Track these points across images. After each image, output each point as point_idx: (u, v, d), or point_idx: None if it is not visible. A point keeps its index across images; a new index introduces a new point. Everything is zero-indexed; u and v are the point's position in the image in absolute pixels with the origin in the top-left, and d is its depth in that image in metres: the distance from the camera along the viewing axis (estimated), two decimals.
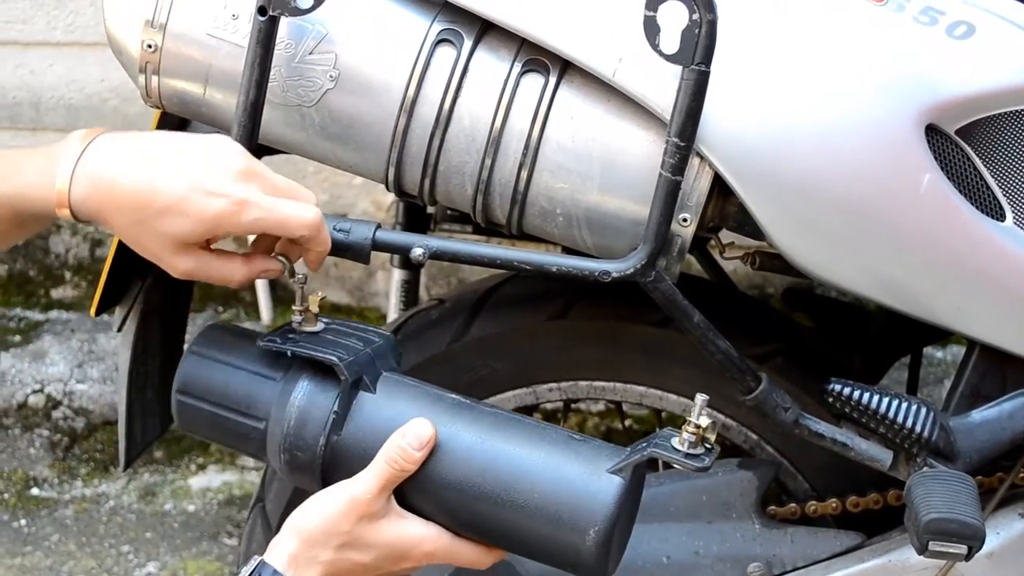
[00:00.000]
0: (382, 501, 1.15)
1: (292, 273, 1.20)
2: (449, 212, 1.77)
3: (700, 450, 1.15)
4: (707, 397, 1.16)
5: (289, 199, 1.14)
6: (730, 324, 1.36)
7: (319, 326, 1.22)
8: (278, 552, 1.15)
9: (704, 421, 1.15)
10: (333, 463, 1.19)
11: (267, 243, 1.20)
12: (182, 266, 1.15)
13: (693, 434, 1.15)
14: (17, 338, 2.78)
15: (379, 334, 1.25)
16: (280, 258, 1.19)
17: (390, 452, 1.15)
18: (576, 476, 1.15)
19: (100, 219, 1.14)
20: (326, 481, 1.18)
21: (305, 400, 1.19)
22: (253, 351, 1.23)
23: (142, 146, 1.14)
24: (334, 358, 1.17)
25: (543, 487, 1.15)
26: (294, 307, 1.22)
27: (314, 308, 1.23)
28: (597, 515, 1.14)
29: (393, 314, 2.01)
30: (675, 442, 1.16)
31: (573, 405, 2.47)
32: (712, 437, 1.16)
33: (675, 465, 1.16)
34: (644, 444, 1.17)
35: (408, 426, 1.16)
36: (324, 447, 1.18)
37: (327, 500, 1.16)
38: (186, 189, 1.10)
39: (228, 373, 1.22)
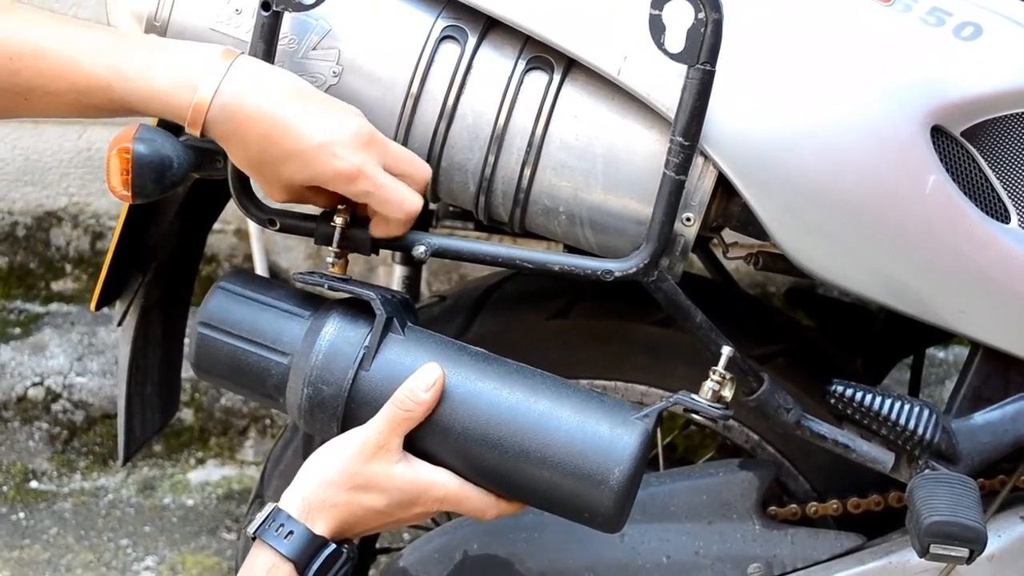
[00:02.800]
0: (394, 445, 1.18)
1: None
2: (451, 209, 1.77)
3: (720, 407, 1.21)
4: (733, 348, 1.21)
5: (401, 176, 1.19)
6: (732, 324, 1.36)
7: (347, 276, 1.25)
8: (292, 497, 1.18)
9: (728, 373, 1.20)
10: (356, 399, 1.21)
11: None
12: (280, 198, 1.20)
13: (718, 382, 1.21)
14: (17, 330, 2.77)
15: (400, 293, 1.29)
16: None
17: (398, 395, 1.18)
18: (601, 420, 1.18)
19: (225, 141, 1.17)
20: (346, 418, 1.21)
21: (336, 335, 1.22)
22: (280, 290, 1.27)
23: (289, 83, 1.17)
24: (372, 294, 1.21)
25: (568, 431, 1.18)
26: (330, 248, 1.24)
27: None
28: (622, 456, 1.17)
29: None
30: (696, 396, 1.22)
31: None
32: (729, 395, 1.21)
33: (700, 414, 1.21)
34: (666, 399, 1.22)
35: (418, 372, 1.19)
36: (351, 382, 1.21)
37: (340, 444, 1.19)
38: (320, 142, 1.15)
39: (255, 308, 1.25)
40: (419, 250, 1.24)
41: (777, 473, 1.55)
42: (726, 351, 1.20)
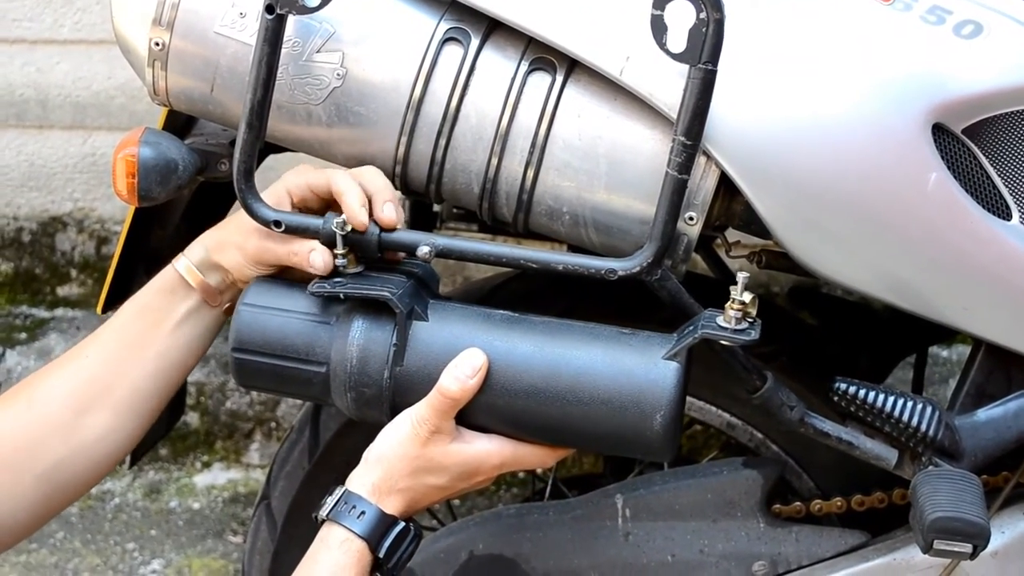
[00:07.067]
0: (446, 427, 1.22)
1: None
2: (456, 210, 1.77)
3: (745, 325, 1.21)
4: (748, 274, 1.20)
5: None
6: None
7: (360, 267, 1.26)
8: (360, 482, 1.24)
9: (747, 297, 1.20)
10: (400, 392, 1.24)
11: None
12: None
13: (739, 310, 1.20)
14: (23, 335, 2.78)
15: (417, 264, 1.30)
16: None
17: (444, 382, 1.21)
18: (635, 367, 1.21)
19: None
20: (395, 411, 1.24)
21: (363, 338, 1.24)
22: (301, 298, 1.26)
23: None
24: (386, 293, 1.22)
25: (606, 382, 1.21)
26: (336, 251, 1.24)
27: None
28: (661, 400, 1.20)
29: None
30: (721, 320, 1.21)
31: None
32: (754, 311, 1.21)
33: (724, 342, 1.21)
34: (691, 327, 1.22)
35: (460, 357, 1.22)
36: (389, 379, 1.23)
37: (397, 430, 1.23)
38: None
39: (281, 320, 1.26)
40: (423, 250, 1.25)
41: (781, 471, 1.55)
42: (741, 276, 1.19)
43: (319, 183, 1.26)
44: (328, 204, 1.27)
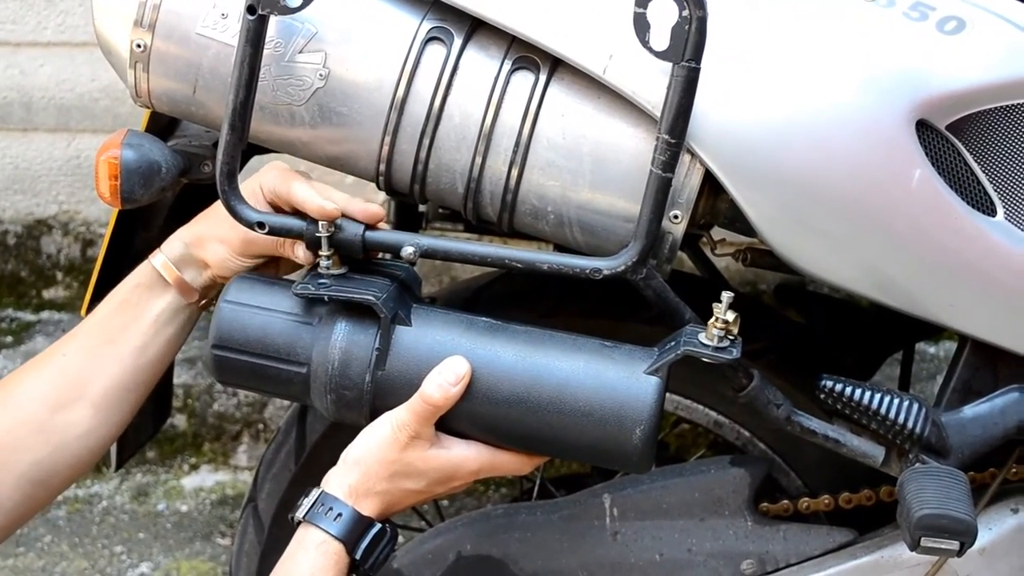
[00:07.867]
0: (426, 433, 1.22)
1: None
2: (441, 210, 1.77)
3: (726, 343, 1.22)
4: (732, 294, 1.21)
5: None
6: None
7: (344, 268, 1.26)
8: (337, 483, 1.23)
9: (730, 316, 1.21)
10: (381, 396, 1.24)
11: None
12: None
13: (722, 329, 1.21)
14: (9, 339, 2.77)
15: (399, 267, 1.30)
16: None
17: (427, 388, 1.21)
18: (616, 380, 1.22)
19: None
20: (375, 415, 1.24)
21: (346, 341, 1.24)
22: (284, 297, 1.26)
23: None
24: (371, 297, 1.22)
25: (587, 394, 1.21)
26: (321, 252, 1.24)
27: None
28: (642, 415, 1.21)
29: None
30: (703, 337, 1.22)
31: None
32: (736, 330, 1.22)
33: (706, 359, 1.22)
34: (673, 343, 1.23)
35: (444, 364, 1.22)
36: (370, 383, 1.23)
37: (376, 433, 1.23)
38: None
39: (263, 318, 1.25)
40: (408, 251, 1.24)
41: (769, 469, 1.55)
42: (726, 295, 1.20)
43: (282, 193, 1.27)
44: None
